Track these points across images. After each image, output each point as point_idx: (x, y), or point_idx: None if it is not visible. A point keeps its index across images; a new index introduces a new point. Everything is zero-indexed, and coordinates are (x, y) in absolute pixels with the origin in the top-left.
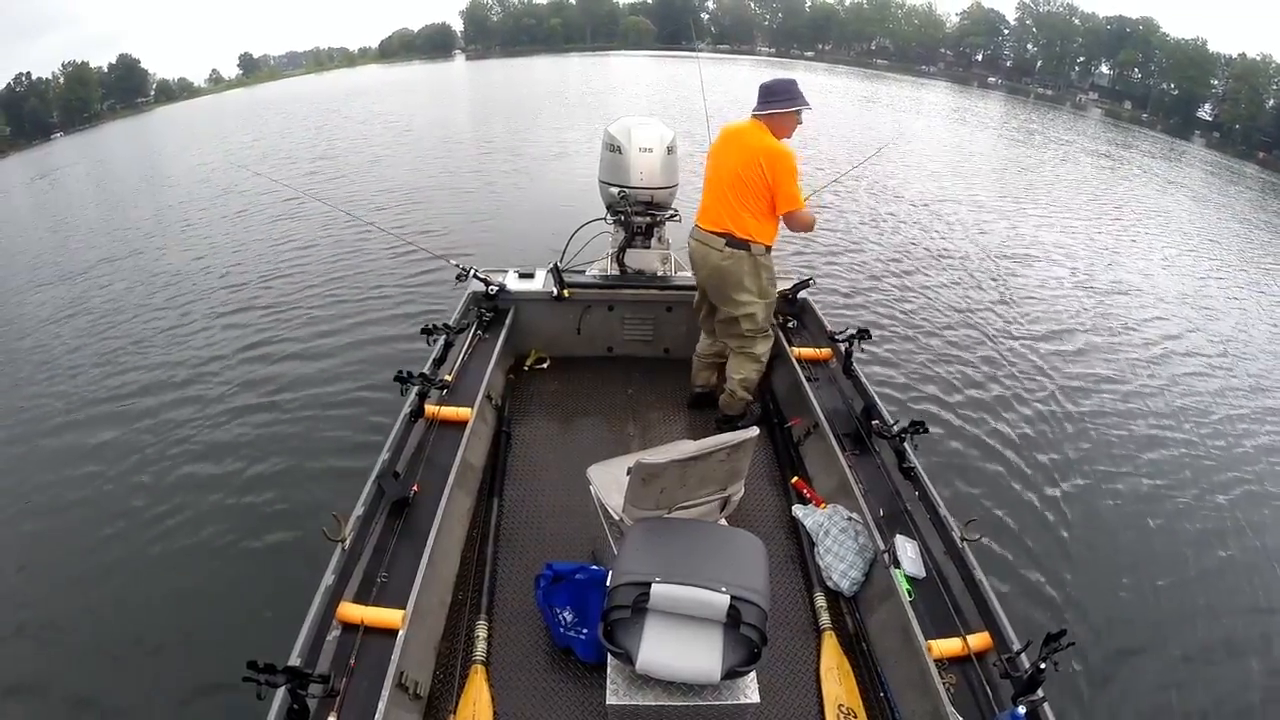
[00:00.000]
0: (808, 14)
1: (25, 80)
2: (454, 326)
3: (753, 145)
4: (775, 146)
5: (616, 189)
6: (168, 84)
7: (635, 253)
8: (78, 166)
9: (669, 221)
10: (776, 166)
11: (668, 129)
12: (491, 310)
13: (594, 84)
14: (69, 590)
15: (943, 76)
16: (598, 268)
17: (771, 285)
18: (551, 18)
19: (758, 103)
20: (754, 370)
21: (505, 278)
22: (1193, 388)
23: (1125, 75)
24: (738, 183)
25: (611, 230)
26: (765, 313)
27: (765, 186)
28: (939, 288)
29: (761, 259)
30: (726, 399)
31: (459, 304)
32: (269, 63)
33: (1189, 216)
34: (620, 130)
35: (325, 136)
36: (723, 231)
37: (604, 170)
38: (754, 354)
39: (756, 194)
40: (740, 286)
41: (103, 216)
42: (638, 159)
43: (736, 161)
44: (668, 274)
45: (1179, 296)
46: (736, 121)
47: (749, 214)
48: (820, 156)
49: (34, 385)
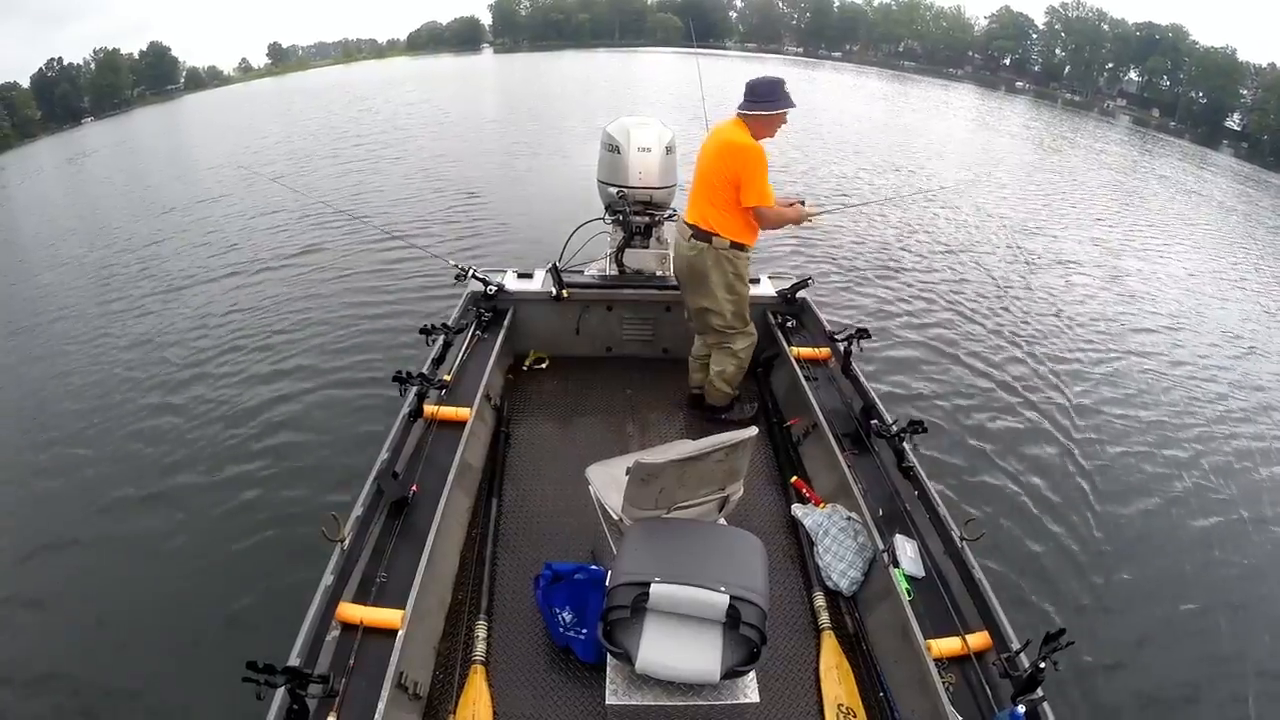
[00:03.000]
0: (836, 14)
1: (57, 65)
2: (453, 326)
3: (721, 141)
4: (742, 141)
5: (615, 189)
6: (197, 72)
7: (634, 253)
8: (100, 153)
9: (668, 221)
10: (740, 160)
11: (666, 129)
12: (490, 310)
13: (620, 80)
14: (66, 590)
15: (970, 80)
16: (596, 268)
17: (740, 282)
18: (579, 13)
19: (744, 101)
20: (732, 365)
21: (504, 278)
22: (1196, 386)
23: (1154, 82)
24: (705, 176)
25: (610, 230)
26: (733, 309)
27: (728, 180)
28: (939, 287)
29: (724, 253)
30: (709, 389)
31: (458, 304)
32: (298, 53)
33: (1207, 222)
34: (619, 130)
35: (342, 133)
36: (693, 224)
37: (602, 170)
38: (732, 350)
39: (721, 187)
40: (705, 280)
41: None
42: (636, 159)
43: (707, 157)
44: (666, 274)
45: (1183, 297)
46: (723, 121)
47: (714, 207)
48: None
49: (31, 385)
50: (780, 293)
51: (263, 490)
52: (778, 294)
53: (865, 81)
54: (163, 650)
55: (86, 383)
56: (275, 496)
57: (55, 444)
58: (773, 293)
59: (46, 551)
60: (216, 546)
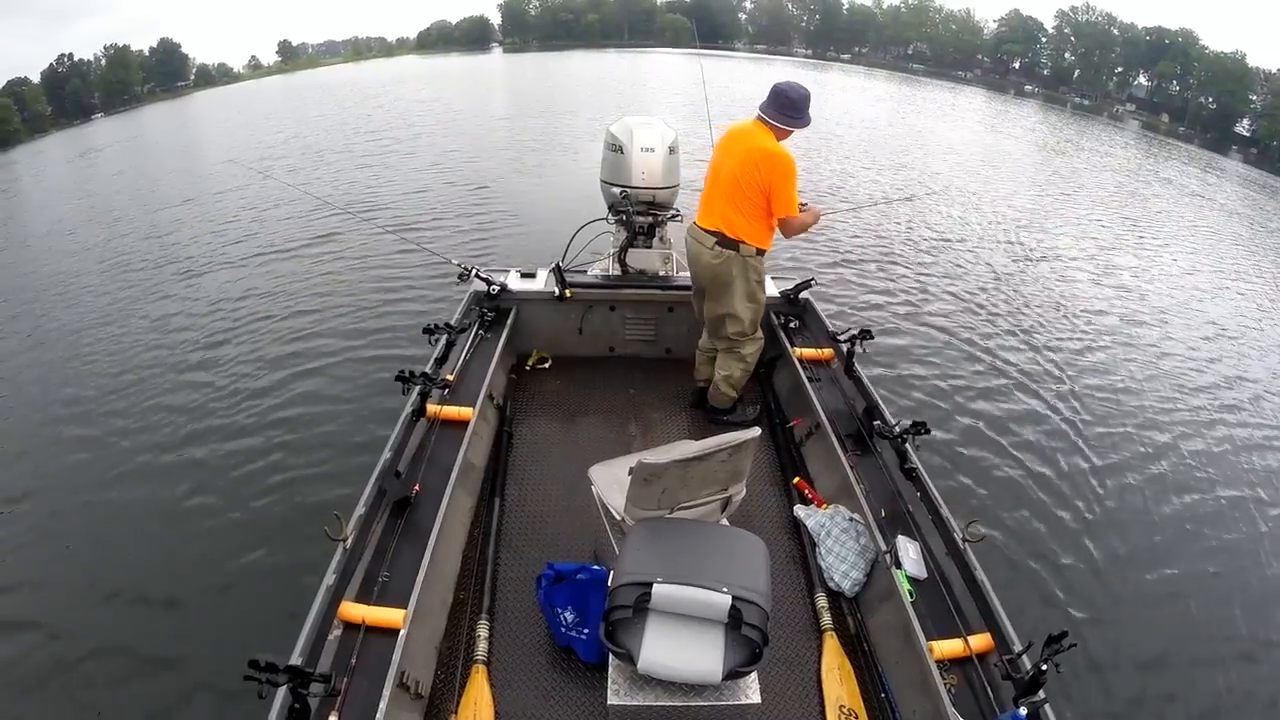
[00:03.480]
0: (845, 16)
1: (67, 61)
2: (456, 326)
3: (752, 147)
4: (775, 150)
5: (618, 189)
6: (207, 69)
7: (637, 253)
8: (112, 149)
9: (671, 221)
10: (774, 170)
11: (669, 129)
12: (493, 310)
13: (628, 80)
14: (68, 590)
15: (979, 83)
16: (599, 268)
17: (760, 289)
18: (588, 13)
19: (770, 106)
20: (739, 369)
21: (507, 277)
22: (1199, 388)
23: (1163, 87)
24: (733, 183)
25: (613, 230)
26: (752, 316)
27: (760, 189)
28: (941, 287)
29: (751, 260)
30: (713, 391)
31: (461, 303)
32: (307, 50)
33: (1198, 220)
34: (622, 130)
35: (354, 129)
36: (715, 231)
37: (606, 170)
38: (740, 354)
39: (751, 196)
40: (729, 288)
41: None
42: (639, 159)
43: (735, 162)
44: (669, 274)
45: (1189, 298)
46: (741, 121)
47: (741, 215)
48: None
49: (27, 387)
50: (783, 293)
51: (265, 489)
52: (780, 294)
53: (873, 84)
54: (165, 648)
55: (82, 384)
56: (277, 495)
57: (49, 442)
58: (775, 293)
59: (44, 551)
60: (218, 544)
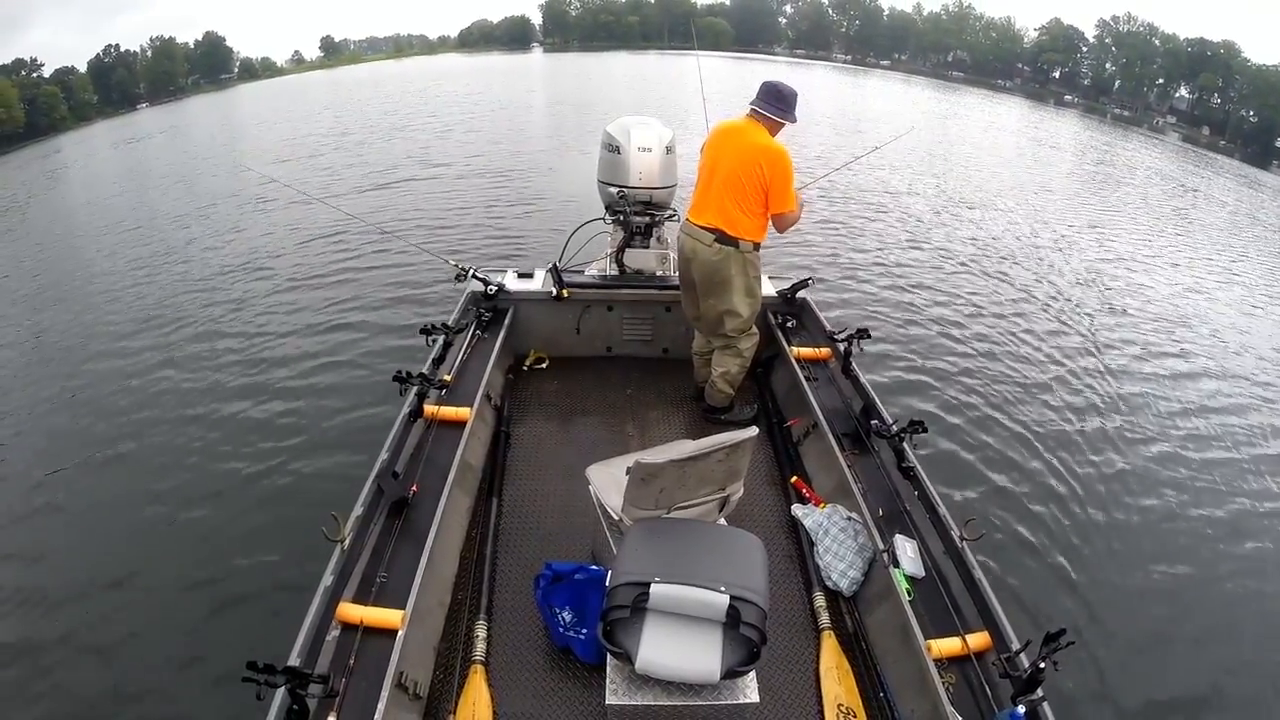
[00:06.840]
0: (885, 23)
1: (114, 52)
2: (453, 326)
3: (752, 143)
4: (774, 146)
5: (615, 189)
6: (250, 62)
7: (634, 253)
8: (156, 138)
9: (668, 221)
10: (775, 167)
11: (666, 128)
12: (490, 310)
13: (665, 83)
14: (65, 590)
15: (1019, 92)
16: (597, 268)
17: (758, 284)
18: (629, 15)
19: (762, 101)
20: (736, 365)
21: (504, 277)
22: (1199, 388)
23: (1204, 100)
24: (733, 180)
25: (610, 230)
26: (750, 311)
27: (760, 186)
28: (939, 287)
29: (749, 256)
30: (710, 391)
31: (458, 304)
32: (349, 46)
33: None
34: (619, 130)
35: (403, 119)
36: (713, 228)
37: (603, 170)
38: (738, 349)
39: (751, 192)
40: (728, 284)
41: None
42: (636, 159)
43: (733, 159)
44: (667, 274)
45: (1189, 298)
46: (732, 118)
47: (741, 212)
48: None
49: (26, 385)
50: (780, 293)
51: (262, 490)
52: (778, 294)
53: (913, 90)
54: (162, 650)
55: (83, 382)
56: (275, 496)
57: (48, 440)
58: (773, 293)
59: (47, 553)
60: (216, 546)
